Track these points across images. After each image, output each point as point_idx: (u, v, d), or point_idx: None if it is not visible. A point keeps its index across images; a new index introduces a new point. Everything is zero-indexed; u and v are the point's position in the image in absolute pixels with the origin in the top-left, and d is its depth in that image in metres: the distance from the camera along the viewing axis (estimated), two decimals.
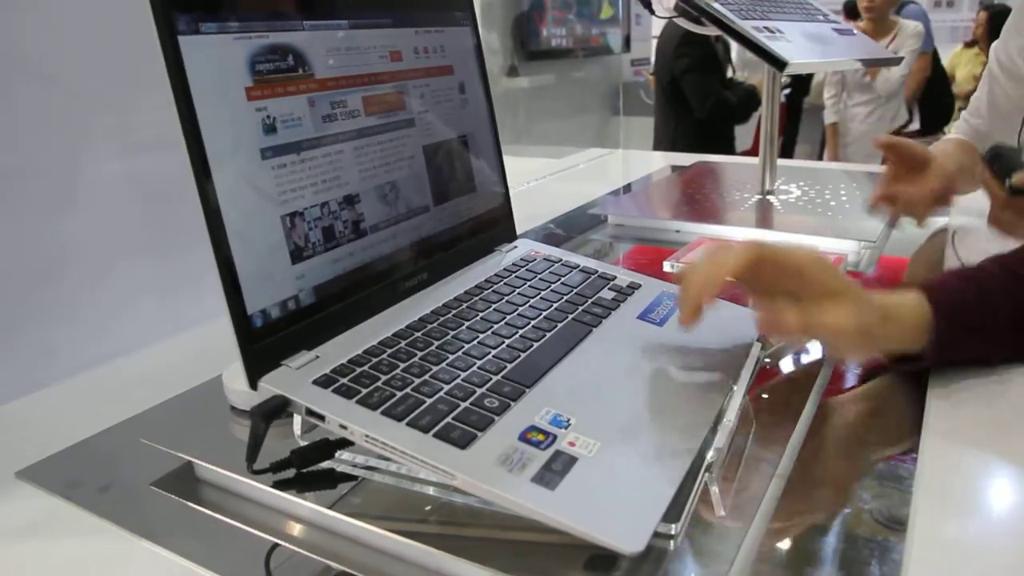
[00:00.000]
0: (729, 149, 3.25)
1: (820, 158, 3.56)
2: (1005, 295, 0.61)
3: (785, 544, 0.47)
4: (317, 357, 0.54)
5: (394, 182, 0.64)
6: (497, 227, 0.78)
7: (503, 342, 0.59)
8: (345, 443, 0.53)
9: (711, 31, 1.10)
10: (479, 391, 0.51)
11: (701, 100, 3.04)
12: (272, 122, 0.53)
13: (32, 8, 0.62)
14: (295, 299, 0.54)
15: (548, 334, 0.61)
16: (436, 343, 0.57)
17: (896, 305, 0.59)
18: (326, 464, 0.53)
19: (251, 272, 0.51)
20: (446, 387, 0.51)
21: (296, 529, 0.50)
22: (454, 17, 0.74)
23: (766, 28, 1.06)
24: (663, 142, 3.17)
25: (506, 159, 0.79)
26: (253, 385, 0.50)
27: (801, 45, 1.08)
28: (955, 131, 1.14)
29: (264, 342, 0.51)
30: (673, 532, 0.45)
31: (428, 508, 0.49)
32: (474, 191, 0.74)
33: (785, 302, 0.56)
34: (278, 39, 0.55)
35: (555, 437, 0.48)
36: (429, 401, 0.50)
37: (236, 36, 0.52)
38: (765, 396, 0.63)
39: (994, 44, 1.09)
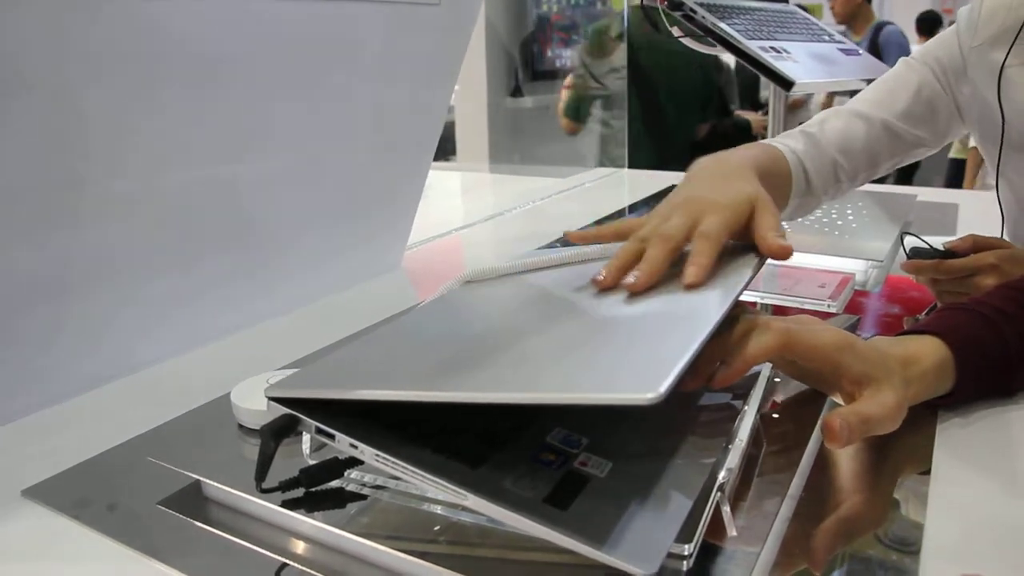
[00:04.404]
0: None
1: None
2: (1018, 332, 0.61)
3: (798, 565, 0.46)
4: None
5: None
6: None
7: None
8: (355, 462, 0.53)
9: (718, 51, 1.11)
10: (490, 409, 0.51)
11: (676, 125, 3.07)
12: None
13: (79, 34, 0.63)
14: None
15: None
16: None
17: (916, 359, 0.58)
18: (335, 483, 0.53)
19: None
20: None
21: (305, 549, 0.49)
22: None
23: (772, 48, 1.07)
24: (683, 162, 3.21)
25: (512, 179, 0.80)
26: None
27: (807, 65, 1.09)
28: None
29: None
30: (686, 552, 0.44)
31: (438, 528, 0.49)
32: None
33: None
34: None
35: (567, 457, 0.47)
36: (439, 419, 0.49)
37: None
38: (776, 416, 0.62)
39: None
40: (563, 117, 3.02)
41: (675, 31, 1.13)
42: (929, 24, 4.15)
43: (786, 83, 1.01)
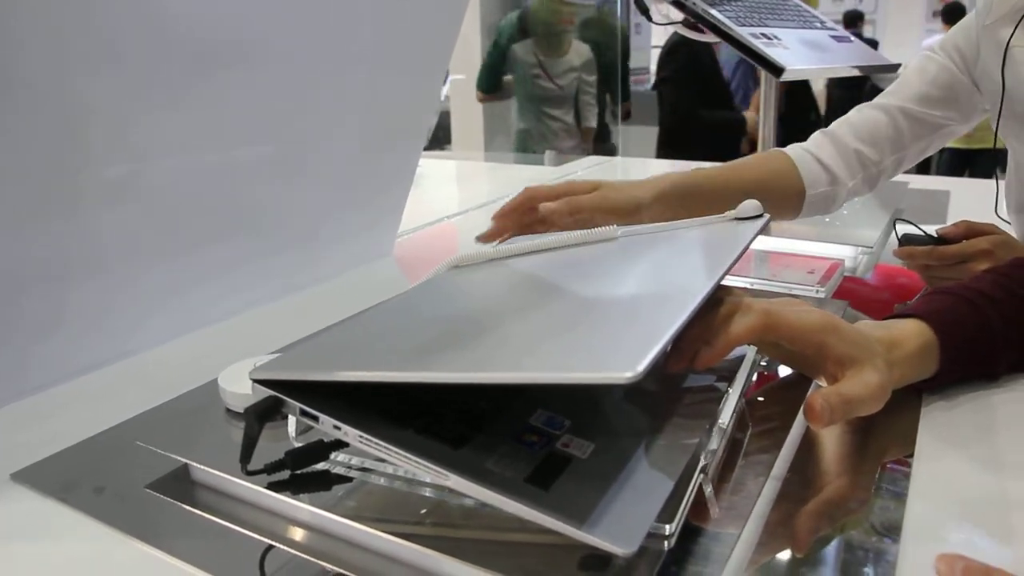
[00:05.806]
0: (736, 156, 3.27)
1: None
2: (1003, 316, 0.61)
3: (779, 546, 0.47)
4: None
5: None
6: None
7: None
8: (340, 444, 0.53)
9: (710, 38, 1.11)
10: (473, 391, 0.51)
11: (667, 112, 3.07)
12: None
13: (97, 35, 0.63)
14: None
15: None
16: None
17: (900, 342, 0.59)
18: (321, 465, 0.53)
19: None
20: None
21: (291, 531, 0.50)
22: None
23: (763, 35, 1.07)
24: (669, 148, 3.20)
25: (503, 167, 0.80)
26: None
27: (798, 51, 1.09)
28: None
29: None
30: (667, 532, 0.44)
31: (423, 510, 0.49)
32: None
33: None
34: None
35: (550, 438, 0.48)
36: (423, 401, 0.49)
37: None
38: (761, 399, 0.63)
39: None
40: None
41: (663, 17, 1.13)
42: (955, 16, 4.14)
43: (776, 69, 1.01)
